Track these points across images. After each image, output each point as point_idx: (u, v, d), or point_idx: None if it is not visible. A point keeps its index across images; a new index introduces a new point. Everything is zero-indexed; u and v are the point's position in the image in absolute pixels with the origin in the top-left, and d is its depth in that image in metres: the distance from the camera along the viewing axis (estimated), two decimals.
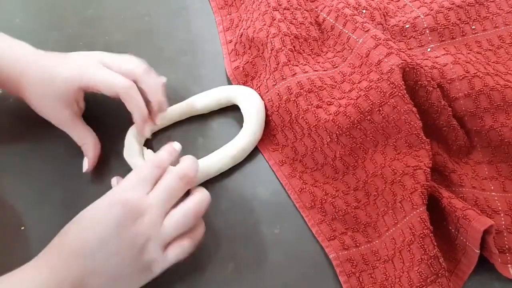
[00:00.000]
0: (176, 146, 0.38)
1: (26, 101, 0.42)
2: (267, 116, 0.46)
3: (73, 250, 0.32)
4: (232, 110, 0.47)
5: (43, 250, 0.33)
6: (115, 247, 0.32)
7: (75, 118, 0.42)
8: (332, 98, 0.44)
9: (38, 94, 0.41)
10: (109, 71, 0.40)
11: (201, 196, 0.36)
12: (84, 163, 0.42)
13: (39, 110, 0.42)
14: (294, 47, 0.47)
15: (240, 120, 0.46)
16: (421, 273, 0.34)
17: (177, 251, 0.34)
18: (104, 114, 0.47)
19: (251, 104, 0.45)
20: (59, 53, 0.43)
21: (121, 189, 0.34)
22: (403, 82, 0.40)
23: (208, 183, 0.43)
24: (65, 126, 0.43)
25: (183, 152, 0.45)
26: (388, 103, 0.40)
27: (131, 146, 0.43)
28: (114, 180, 0.39)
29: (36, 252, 0.39)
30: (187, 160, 0.37)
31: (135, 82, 0.40)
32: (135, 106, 0.40)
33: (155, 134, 0.46)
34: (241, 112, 0.46)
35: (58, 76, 0.40)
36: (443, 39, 0.48)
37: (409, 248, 0.35)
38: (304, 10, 0.50)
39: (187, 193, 0.37)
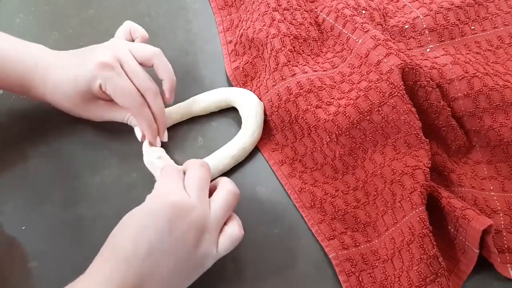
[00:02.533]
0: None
1: (52, 103, 0.43)
2: (266, 116, 0.46)
3: (126, 255, 0.31)
4: (231, 110, 0.47)
5: (92, 264, 0.32)
6: (169, 246, 0.32)
7: (106, 105, 0.43)
8: (332, 98, 0.44)
9: (64, 95, 0.42)
10: (125, 80, 0.40)
11: (227, 179, 0.37)
12: (137, 134, 0.43)
13: (68, 110, 0.43)
14: (293, 47, 0.47)
15: (240, 120, 0.46)
16: (420, 272, 0.34)
17: (228, 242, 0.34)
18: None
19: (249, 106, 0.45)
20: (78, 50, 0.43)
21: (162, 194, 0.34)
22: (402, 82, 0.40)
23: None
24: (102, 116, 0.43)
25: (183, 152, 0.45)
26: (388, 103, 0.40)
27: (149, 152, 0.43)
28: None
29: (36, 251, 0.39)
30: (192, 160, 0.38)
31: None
32: (146, 124, 0.42)
33: None
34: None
35: (80, 76, 0.40)
36: (442, 39, 0.48)
37: (408, 248, 0.35)
38: (304, 10, 0.51)
39: None
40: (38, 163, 0.45)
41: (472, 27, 0.48)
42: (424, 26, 0.48)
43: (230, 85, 0.50)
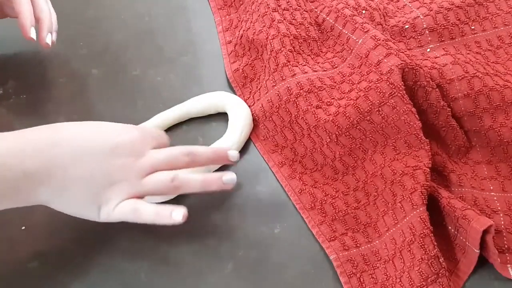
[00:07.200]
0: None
1: None
2: (266, 117, 0.46)
3: (61, 136, 0.32)
4: None
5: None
6: (95, 161, 0.32)
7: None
8: (332, 99, 0.44)
9: None
10: None
11: (199, 176, 0.36)
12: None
13: None
14: (293, 47, 0.47)
15: None
16: (421, 273, 0.34)
17: (125, 209, 0.33)
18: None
19: (237, 121, 0.45)
20: None
21: (140, 130, 0.35)
22: (402, 82, 0.40)
23: None
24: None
25: None
26: (388, 103, 0.40)
27: None
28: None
29: (36, 252, 0.39)
30: (208, 149, 0.39)
31: None
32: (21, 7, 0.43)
33: None
34: None
35: None
36: (442, 39, 0.48)
37: (409, 248, 0.35)
38: (304, 10, 0.51)
39: None
40: None
41: (472, 27, 0.48)
42: (424, 26, 0.48)
43: (230, 85, 0.50)
